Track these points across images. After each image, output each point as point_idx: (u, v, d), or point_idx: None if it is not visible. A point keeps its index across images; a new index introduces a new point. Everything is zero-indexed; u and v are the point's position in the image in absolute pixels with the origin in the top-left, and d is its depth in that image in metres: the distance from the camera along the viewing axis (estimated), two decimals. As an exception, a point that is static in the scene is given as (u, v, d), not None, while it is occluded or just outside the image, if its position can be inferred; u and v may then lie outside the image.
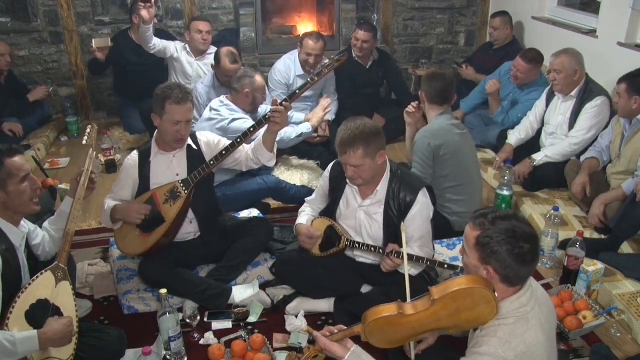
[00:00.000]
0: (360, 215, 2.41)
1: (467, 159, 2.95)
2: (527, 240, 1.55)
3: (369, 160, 2.22)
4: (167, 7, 4.89)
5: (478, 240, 1.58)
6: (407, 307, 1.63)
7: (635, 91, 2.89)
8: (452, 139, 2.86)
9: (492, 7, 5.19)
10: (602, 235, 2.93)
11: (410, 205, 2.31)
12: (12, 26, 4.68)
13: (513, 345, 1.52)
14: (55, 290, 2.00)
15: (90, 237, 3.19)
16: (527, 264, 1.56)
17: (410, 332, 1.66)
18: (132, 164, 2.58)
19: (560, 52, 3.39)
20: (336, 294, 2.50)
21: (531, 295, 1.61)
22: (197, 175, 2.49)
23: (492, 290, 1.55)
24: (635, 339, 2.38)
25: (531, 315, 1.57)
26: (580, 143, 3.31)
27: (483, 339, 1.58)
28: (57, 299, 1.99)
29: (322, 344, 1.72)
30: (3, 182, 1.94)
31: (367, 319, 1.66)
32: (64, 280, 2.04)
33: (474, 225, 1.62)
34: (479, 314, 1.57)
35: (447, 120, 2.91)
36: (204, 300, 2.51)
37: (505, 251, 1.54)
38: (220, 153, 2.50)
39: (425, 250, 2.34)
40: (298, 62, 4.06)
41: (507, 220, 1.58)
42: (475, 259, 1.61)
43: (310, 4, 5.15)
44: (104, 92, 5.07)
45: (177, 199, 2.48)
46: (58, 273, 2.04)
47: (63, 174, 3.96)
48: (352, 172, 2.26)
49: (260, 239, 2.74)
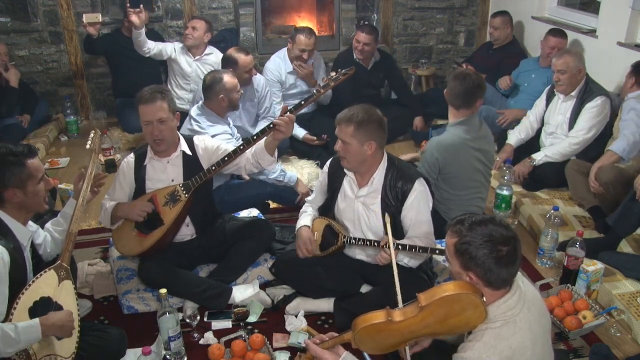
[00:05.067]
0: (358, 207, 2.41)
1: (475, 176, 2.79)
2: (506, 243, 1.55)
3: (356, 142, 2.25)
4: (167, 7, 4.89)
5: (457, 247, 1.59)
6: (396, 314, 1.62)
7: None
8: (461, 158, 2.71)
9: (492, 7, 5.20)
10: (601, 234, 2.93)
11: (407, 193, 2.32)
12: (12, 26, 4.68)
13: (498, 350, 1.52)
14: (58, 289, 2.02)
15: (90, 237, 3.19)
16: (507, 266, 1.55)
17: (400, 338, 1.66)
18: (128, 167, 2.58)
19: (562, 52, 3.40)
20: (336, 294, 2.50)
21: (519, 297, 1.60)
22: (199, 180, 2.49)
23: (480, 295, 1.55)
24: (635, 339, 2.38)
25: (519, 318, 1.57)
26: (580, 143, 3.31)
27: (469, 344, 1.58)
28: (59, 297, 2.01)
29: (314, 351, 1.72)
30: (24, 182, 1.97)
31: (356, 326, 1.65)
32: (66, 280, 2.06)
33: (452, 233, 1.62)
34: (468, 319, 1.57)
35: (463, 134, 2.70)
36: (204, 301, 2.51)
37: (483, 255, 1.54)
38: (223, 159, 2.48)
39: (425, 241, 2.31)
40: (288, 59, 4.08)
41: (484, 225, 1.57)
42: (457, 266, 1.61)
43: (310, 4, 5.15)
44: (104, 92, 5.07)
45: (177, 202, 2.48)
46: (61, 272, 2.05)
47: (63, 174, 3.96)
48: (339, 147, 2.32)
49: (262, 241, 2.74)
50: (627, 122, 3.07)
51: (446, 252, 1.67)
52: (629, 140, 3.00)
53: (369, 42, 4.17)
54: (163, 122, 2.45)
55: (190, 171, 2.54)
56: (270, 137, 2.48)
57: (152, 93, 2.44)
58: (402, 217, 2.35)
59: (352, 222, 2.45)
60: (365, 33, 4.16)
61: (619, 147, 3.02)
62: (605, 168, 2.98)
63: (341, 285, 2.50)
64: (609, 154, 3.06)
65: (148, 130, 2.46)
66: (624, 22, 3.62)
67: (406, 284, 1.93)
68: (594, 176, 3.01)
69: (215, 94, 3.15)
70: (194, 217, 2.63)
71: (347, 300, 2.46)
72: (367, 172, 2.38)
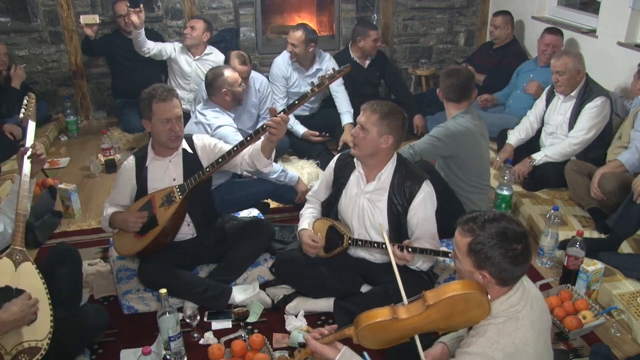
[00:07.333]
0: (363, 203, 2.42)
1: (484, 162, 3.00)
2: (519, 241, 1.55)
3: (376, 131, 2.27)
4: (167, 7, 4.89)
5: (471, 247, 1.58)
6: (401, 311, 1.62)
7: None
8: (475, 144, 2.88)
9: (492, 7, 5.20)
10: (602, 235, 2.93)
11: (415, 193, 2.33)
12: (12, 26, 4.68)
13: (502, 345, 1.53)
14: (16, 275, 1.94)
15: (90, 237, 3.19)
16: (522, 264, 1.57)
17: (403, 334, 1.66)
18: (129, 169, 2.59)
19: (561, 53, 3.39)
20: (336, 293, 2.50)
21: (522, 294, 1.62)
22: (193, 182, 2.48)
23: (485, 294, 1.55)
24: (635, 339, 2.38)
25: (522, 315, 1.58)
26: (580, 143, 3.31)
27: (472, 339, 1.59)
28: (19, 282, 1.92)
29: (313, 346, 1.72)
30: None
31: (360, 323, 1.64)
32: (25, 262, 1.97)
33: (463, 232, 1.61)
34: (471, 316, 1.59)
35: (470, 122, 2.86)
36: (204, 301, 2.51)
37: (499, 255, 1.54)
38: (217, 161, 2.47)
39: (432, 243, 2.34)
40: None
41: (497, 223, 1.57)
42: (469, 266, 1.60)
43: (310, 4, 5.15)
44: (104, 92, 5.07)
45: (172, 203, 2.48)
46: (16, 256, 1.97)
47: (63, 174, 3.96)
48: (356, 132, 2.33)
49: (262, 241, 2.74)
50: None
51: (455, 250, 1.66)
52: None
53: (379, 37, 4.25)
54: (179, 118, 2.49)
55: (190, 169, 2.55)
56: (265, 139, 2.47)
57: (167, 91, 2.46)
58: (408, 217, 2.36)
59: (357, 218, 2.44)
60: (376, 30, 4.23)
61: (628, 160, 2.93)
62: (609, 176, 2.90)
63: (341, 285, 2.50)
64: (616, 163, 2.98)
65: (166, 128, 2.45)
66: (624, 22, 3.62)
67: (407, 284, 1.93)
68: (597, 183, 2.94)
69: (217, 88, 3.22)
70: (194, 216, 2.63)
71: (347, 299, 2.46)
72: (375, 166, 2.38)
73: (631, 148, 2.99)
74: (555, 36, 4.00)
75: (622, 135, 3.20)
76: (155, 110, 2.44)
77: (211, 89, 3.25)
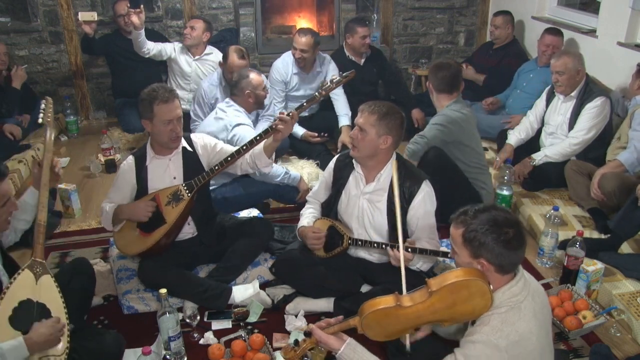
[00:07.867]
0: (363, 203, 2.42)
1: (480, 148, 3.19)
2: (510, 225, 1.60)
3: (374, 132, 2.27)
4: (167, 7, 4.89)
5: (464, 236, 1.63)
6: (405, 299, 1.65)
7: None
8: (471, 129, 3.07)
9: (492, 7, 5.20)
10: (602, 235, 2.93)
11: (415, 193, 2.34)
12: (12, 26, 4.68)
13: (505, 333, 1.56)
14: (37, 287, 1.91)
15: (90, 237, 3.19)
16: (516, 249, 1.60)
17: (407, 324, 1.68)
18: (129, 169, 2.58)
19: (561, 53, 3.38)
20: (336, 293, 2.50)
21: (524, 285, 1.65)
22: (202, 180, 2.50)
23: (487, 283, 1.59)
24: (635, 339, 2.38)
25: (524, 305, 1.61)
26: (580, 143, 3.31)
27: (476, 328, 1.62)
28: (40, 295, 1.90)
29: (318, 336, 1.74)
30: None
31: (364, 311, 1.67)
32: (44, 275, 1.95)
33: (457, 224, 1.66)
34: (474, 306, 1.61)
35: (462, 110, 3.02)
36: (204, 301, 2.51)
37: (492, 240, 1.58)
38: (226, 159, 2.50)
39: (432, 243, 2.35)
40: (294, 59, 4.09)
41: (487, 212, 1.63)
42: (466, 256, 1.64)
43: (310, 4, 5.15)
44: (104, 92, 5.07)
45: (180, 202, 2.49)
46: (36, 269, 1.94)
47: (63, 174, 3.93)
48: (355, 133, 2.33)
49: (261, 240, 2.75)
50: (638, 132, 3.00)
51: (452, 245, 1.70)
52: (639, 152, 2.94)
53: (368, 34, 4.23)
54: (180, 119, 2.50)
55: (190, 168, 2.55)
56: (270, 139, 2.50)
57: (169, 92, 2.46)
58: (408, 217, 2.37)
59: (356, 219, 2.45)
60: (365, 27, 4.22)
61: (627, 160, 2.96)
62: (609, 176, 2.91)
63: (341, 285, 2.50)
64: (615, 163, 3.00)
65: (168, 128, 2.46)
66: (624, 22, 3.62)
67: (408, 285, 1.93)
68: (597, 183, 2.95)
69: (241, 90, 3.27)
70: (195, 215, 2.63)
71: (348, 299, 2.46)
72: (374, 167, 2.38)
73: (630, 147, 3.00)
74: (555, 37, 4.00)
75: (622, 135, 3.19)
76: (157, 111, 2.44)
77: (235, 90, 3.30)
